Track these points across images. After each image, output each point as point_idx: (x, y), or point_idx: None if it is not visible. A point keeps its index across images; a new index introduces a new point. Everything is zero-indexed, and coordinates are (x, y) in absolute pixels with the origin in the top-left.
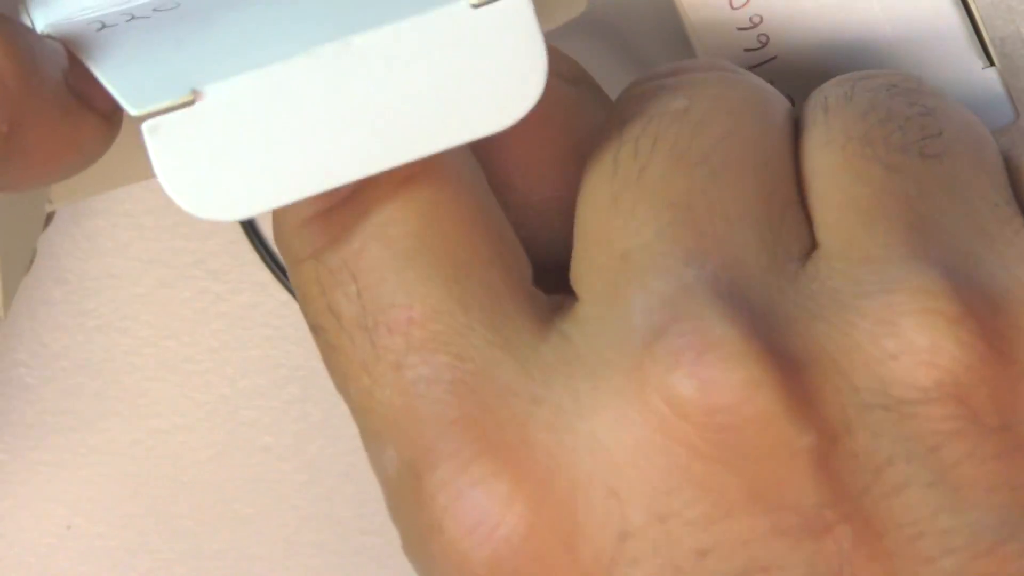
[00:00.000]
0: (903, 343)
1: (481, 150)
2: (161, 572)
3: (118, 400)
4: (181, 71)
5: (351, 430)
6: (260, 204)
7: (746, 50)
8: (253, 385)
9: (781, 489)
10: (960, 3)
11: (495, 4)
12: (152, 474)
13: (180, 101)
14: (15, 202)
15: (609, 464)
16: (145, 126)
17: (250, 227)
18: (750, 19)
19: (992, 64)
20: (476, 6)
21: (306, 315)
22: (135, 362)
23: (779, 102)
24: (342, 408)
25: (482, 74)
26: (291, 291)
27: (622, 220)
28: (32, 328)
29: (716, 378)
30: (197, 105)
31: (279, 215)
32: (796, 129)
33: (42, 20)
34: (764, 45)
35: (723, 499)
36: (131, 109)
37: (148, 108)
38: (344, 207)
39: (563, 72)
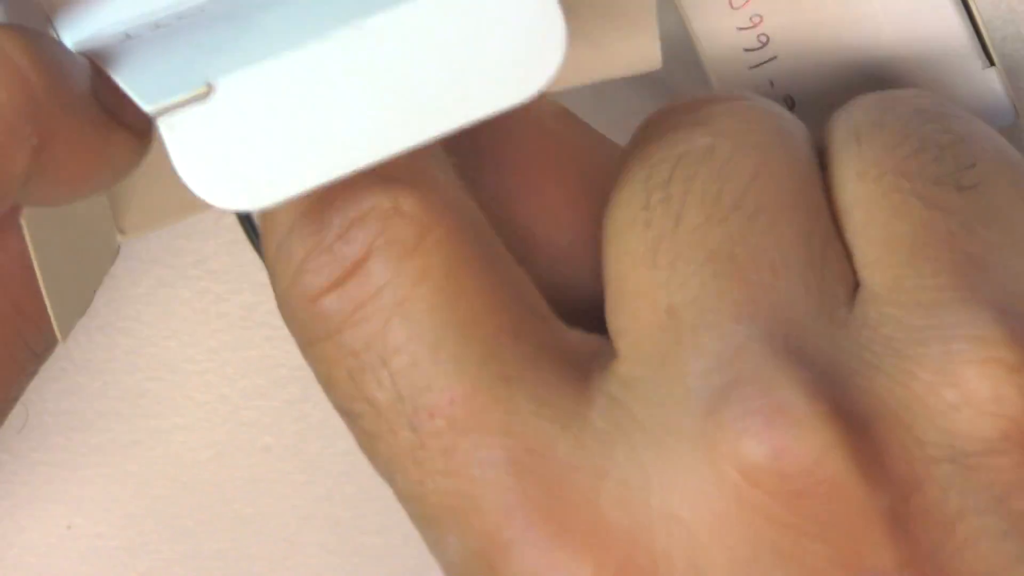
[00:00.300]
0: (964, 394)
1: (494, 207)
2: (161, 572)
3: (118, 400)
4: (195, 66)
5: None
6: (282, 191)
7: (746, 50)
8: (253, 385)
9: (861, 552)
10: (961, 4)
11: None
12: (152, 474)
13: (193, 94)
14: (80, 229)
15: (688, 538)
16: (161, 122)
17: (250, 227)
18: (750, 19)
19: (992, 64)
20: None
21: (333, 399)
22: (135, 362)
23: (799, 129)
24: None
25: (500, 46)
26: None
27: (663, 274)
28: None
29: (787, 444)
30: (211, 98)
31: (283, 292)
32: (819, 154)
33: (69, 38)
34: (764, 45)
35: (805, 566)
36: (144, 105)
37: (162, 103)
38: (353, 280)
39: (545, 110)
